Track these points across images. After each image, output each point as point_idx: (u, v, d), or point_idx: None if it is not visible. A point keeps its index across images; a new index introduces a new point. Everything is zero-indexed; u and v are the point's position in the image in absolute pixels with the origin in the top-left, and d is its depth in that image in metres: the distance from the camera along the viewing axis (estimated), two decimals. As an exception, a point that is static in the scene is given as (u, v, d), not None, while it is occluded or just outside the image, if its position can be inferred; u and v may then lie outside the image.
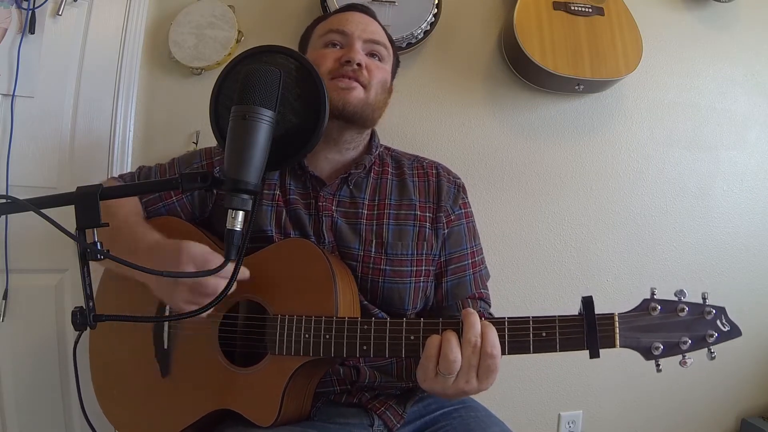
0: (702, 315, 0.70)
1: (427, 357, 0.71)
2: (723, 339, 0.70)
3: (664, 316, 0.70)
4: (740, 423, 1.69)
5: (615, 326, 0.70)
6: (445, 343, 0.70)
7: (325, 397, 0.90)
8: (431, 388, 0.73)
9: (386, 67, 1.00)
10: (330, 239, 0.93)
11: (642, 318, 0.71)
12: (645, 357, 0.71)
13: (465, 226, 1.01)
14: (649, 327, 0.71)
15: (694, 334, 0.70)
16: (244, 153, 0.60)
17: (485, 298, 1.02)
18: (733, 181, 1.64)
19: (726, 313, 0.70)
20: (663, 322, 0.70)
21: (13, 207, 0.62)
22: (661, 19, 1.58)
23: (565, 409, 1.59)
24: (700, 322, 0.70)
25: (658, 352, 0.70)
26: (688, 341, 0.69)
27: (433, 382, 0.72)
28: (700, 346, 0.70)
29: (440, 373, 0.70)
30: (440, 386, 0.71)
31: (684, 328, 0.70)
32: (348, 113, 0.91)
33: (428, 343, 0.72)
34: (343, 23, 0.97)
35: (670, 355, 0.70)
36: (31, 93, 1.25)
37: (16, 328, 1.26)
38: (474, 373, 0.70)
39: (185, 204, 0.98)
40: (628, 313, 0.72)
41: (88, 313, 0.61)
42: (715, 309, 0.70)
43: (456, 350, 0.69)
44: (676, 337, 0.70)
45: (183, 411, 0.85)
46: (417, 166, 1.04)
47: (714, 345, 0.70)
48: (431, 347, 0.71)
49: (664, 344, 0.70)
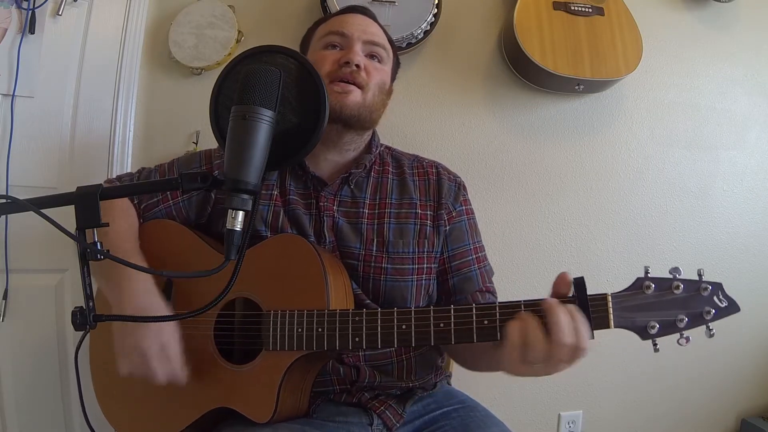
0: (698, 291, 0.67)
1: (512, 345, 0.68)
2: (721, 315, 0.67)
3: (659, 294, 0.68)
4: (740, 423, 1.69)
5: (608, 306, 0.68)
6: (530, 332, 0.67)
7: (324, 396, 0.91)
8: (519, 374, 0.71)
9: (385, 68, 1.00)
10: (331, 239, 0.93)
11: (636, 297, 0.69)
12: (641, 337, 0.69)
13: (466, 222, 1.02)
14: (643, 306, 0.68)
15: (691, 311, 0.67)
16: (244, 153, 0.60)
17: (492, 291, 1.02)
18: (733, 181, 1.64)
19: (723, 288, 0.68)
20: (658, 300, 0.68)
21: (13, 207, 0.61)
22: (661, 19, 1.58)
23: (565, 409, 1.59)
24: (696, 299, 0.67)
25: (654, 331, 0.68)
26: (685, 319, 0.67)
27: (521, 369, 0.69)
28: (697, 323, 0.67)
29: (528, 361, 0.68)
30: (529, 372, 0.70)
31: (680, 305, 0.68)
32: (346, 117, 0.91)
33: (509, 331, 0.69)
34: (342, 25, 0.97)
35: (667, 334, 0.68)
36: (31, 93, 1.25)
37: (16, 328, 1.26)
38: (566, 363, 0.68)
39: (180, 208, 0.98)
40: (622, 292, 0.70)
41: (88, 313, 0.61)
42: (711, 285, 0.68)
43: (542, 342, 0.66)
44: (673, 315, 0.67)
45: (182, 410, 0.85)
46: (417, 166, 1.04)
47: (712, 322, 0.67)
48: (513, 335, 0.68)
49: (660, 323, 0.67)
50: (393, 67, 1.05)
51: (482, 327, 0.73)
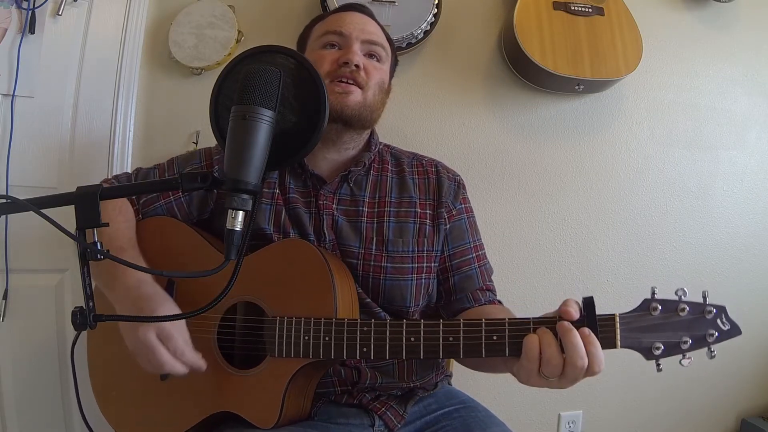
0: (702, 314, 0.69)
1: (528, 359, 0.70)
2: (723, 338, 0.69)
3: (665, 316, 0.70)
4: (740, 423, 1.69)
5: (616, 327, 0.70)
6: (547, 348, 0.68)
7: (325, 398, 0.90)
8: (534, 385, 0.72)
9: (384, 67, 1.00)
10: (331, 237, 0.93)
11: (643, 318, 0.70)
12: (646, 357, 0.70)
13: (466, 220, 1.02)
14: (649, 327, 0.70)
15: (695, 334, 0.69)
16: (244, 153, 0.60)
17: (492, 289, 1.02)
18: (733, 181, 1.64)
19: (726, 312, 0.70)
20: (664, 322, 0.70)
21: (13, 207, 0.61)
22: (661, 19, 1.58)
23: (565, 409, 1.59)
24: (700, 322, 0.69)
25: (659, 352, 0.69)
26: (689, 341, 0.69)
27: (537, 381, 0.71)
28: (700, 346, 0.69)
29: (543, 375, 0.69)
30: (544, 385, 0.71)
31: (684, 327, 0.69)
32: (346, 117, 0.91)
33: (527, 345, 0.70)
34: (340, 24, 0.96)
35: (671, 355, 0.69)
36: (31, 93, 1.25)
37: (16, 328, 1.26)
38: (579, 379, 0.69)
39: (182, 204, 0.97)
40: (629, 313, 0.71)
41: (88, 313, 0.61)
42: (715, 308, 0.69)
43: (557, 359, 0.68)
44: (677, 337, 0.69)
45: (183, 414, 0.85)
46: (416, 164, 1.04)
47: (714, 344, 0.69)
48: (531, 349, 0.69)
49: (664, 344, 0.69)
50: (392, 66, 1.04)
51: (491, 342, 0.73)
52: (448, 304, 0.99)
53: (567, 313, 0.70)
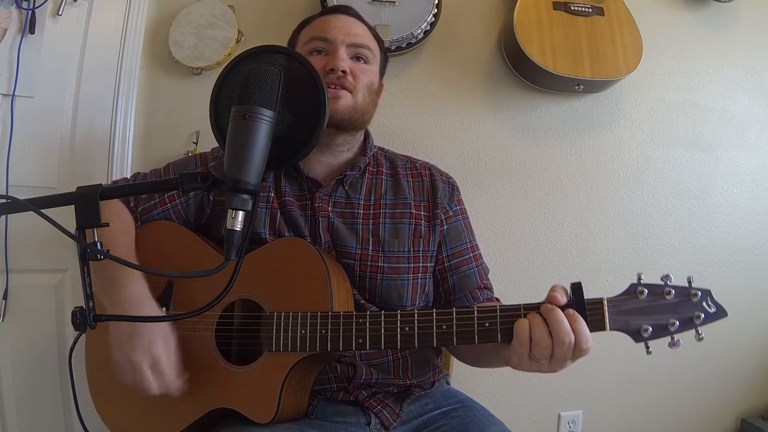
0: (688, 297, 0.72)
1: (520, 343, 0.72)
2: (710, 320, 0.71)
3: (652, 299, 0.72)
4: (740, 423, 1.69)
5: (604, 310, 0.72)
6: (536, 329, 0.71)
7: (322, 395, 0.91)
8: (526, 370, 0.74)
9: (372, 68, 1.00)
10: (326, 240, 0.94)
11: (630, 301, 0.73)
12: (635, 339, 0.72)
13: (462, 222, 1.04)
14: (637, 310, 0.72)
15: (682, 316, 0.71)
16: (244, 153, 0.60)
17: (490, 288, 1.04)
18: (733, 181, 1.64)
19: (711, 295, 0.72)
20: (651, 305, 0.72)
21: (13, 207, 0.61)
22: (661, 19, 1.58)
23: (565, 409, 1.59)
24: (687, 304, 0.72)
25: (647, 334, 0.71)
26: (676, 323, 0.71)
27: (528, 365, 0.73)
28: (688, 327, 0.71)
29: (534, 357, 0.71)
30: (535, 368, 0.73)
31: (671, 310, 0.72)
32: (337, 121, 0.92)
33: (518, 329, 0.72)
34: (325, 29, 0.96)
35: (659, 337, 0.72)
36: (31, 93, 1.25)
37: (16, 328, 1.26)
38: (569, 359, 0.71)
39: (179, 211, 0.98)
40: (617, 297, 0.74)
41: (88, 313, 0.61)
42: (701, 291, 0.72)
43: (546, 340, 0.70)
44: (664, 320, 0.72)
45: (181, 411, 0.85)
46: (410, 167, 1.05)
47: (701, 326, 0.71)
48: (522, 333, 0.72)
49: (652, 326, 0.71)
50: (381, 64, 1.04)
51: (483, 329, 0.75)
52: (448, 304, 1.00)
53: (554, 299, 0.73)
